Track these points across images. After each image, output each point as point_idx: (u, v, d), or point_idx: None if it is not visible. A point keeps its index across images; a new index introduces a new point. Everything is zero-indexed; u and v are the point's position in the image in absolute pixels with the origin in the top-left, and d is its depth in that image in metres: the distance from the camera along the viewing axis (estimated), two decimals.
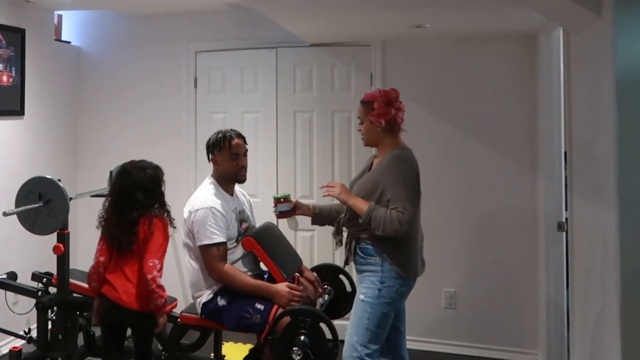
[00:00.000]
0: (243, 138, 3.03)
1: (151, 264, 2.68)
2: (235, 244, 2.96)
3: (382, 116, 2.73)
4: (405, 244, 2.67)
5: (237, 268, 2.89)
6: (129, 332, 2.93)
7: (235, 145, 2.96)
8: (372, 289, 2.67)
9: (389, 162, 2.70)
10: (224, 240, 2.86)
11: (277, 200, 3.01)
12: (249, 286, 2.84)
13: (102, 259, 2.79)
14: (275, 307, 2.78)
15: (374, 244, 2.69)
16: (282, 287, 2.83)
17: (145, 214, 2.75)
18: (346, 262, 2.87)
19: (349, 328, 2.71)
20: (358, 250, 2.75)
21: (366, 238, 2.71)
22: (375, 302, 2.65)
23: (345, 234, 2.89)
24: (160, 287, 2.69)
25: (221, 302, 2.87)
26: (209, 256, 2.84)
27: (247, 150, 3.04)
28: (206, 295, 2.91)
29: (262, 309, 2.78)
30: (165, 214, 2.84)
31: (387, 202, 2.63)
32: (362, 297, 2.70)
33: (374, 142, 2.83)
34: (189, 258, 2.96)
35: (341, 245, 2.90)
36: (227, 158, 2.96)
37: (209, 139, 3.04)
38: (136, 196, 2.74)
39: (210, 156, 3.02)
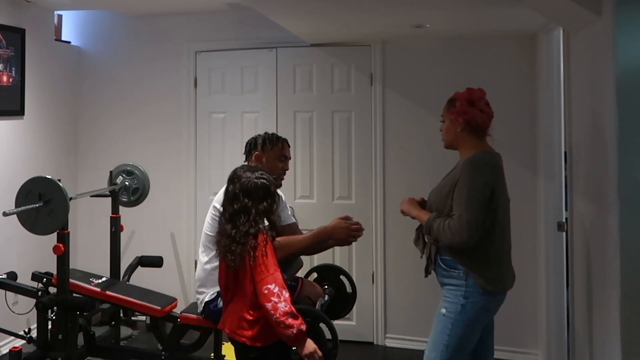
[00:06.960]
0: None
1: (266, 292, 2.27)
2: None
3: (461, 115, 2.52)
4: (489, 255, 2.45)
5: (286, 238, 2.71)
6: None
7: (288, 149, 3.01)
8: (454, 304, 2.46)
9: (463, 165, 2.48)
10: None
11: None
12: (305, 242, 2.71)
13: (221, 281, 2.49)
14: None
15: (456, 256, 2.46)
16: (336, 221, 2.70)
17: (259, 228, 2.37)
18: (426, 271, 2.63)
19: (429, 341, 2.55)
20: (440, 262, 2.53)
21: (447, 249, 2.48)
22: (457, 319, 2.45)
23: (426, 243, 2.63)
24: (287, 314, 2.25)
25: (222, 303, 2.86)
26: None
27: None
28: (209, 295, 2.89)
29: None
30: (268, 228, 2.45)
31: (451, 207, 2.44)
32: (443, 311, 2.49)
33: (453, 143, 2.61)
34: (202, 253, 2.90)
35: (423, 254, 2.64)
36: (276, 158, 2.96)
37: (259, 135, 3.00)
38: (246, 203, 2.38)
39: (254, 151, 2.97)
